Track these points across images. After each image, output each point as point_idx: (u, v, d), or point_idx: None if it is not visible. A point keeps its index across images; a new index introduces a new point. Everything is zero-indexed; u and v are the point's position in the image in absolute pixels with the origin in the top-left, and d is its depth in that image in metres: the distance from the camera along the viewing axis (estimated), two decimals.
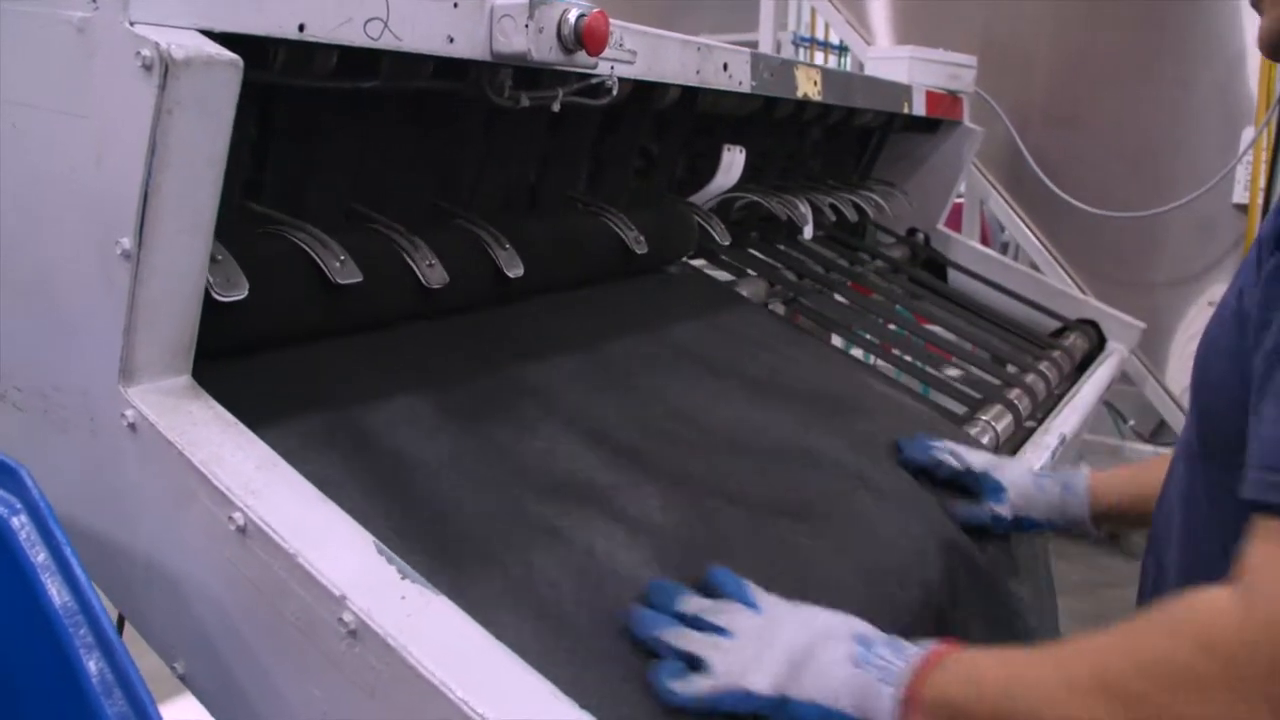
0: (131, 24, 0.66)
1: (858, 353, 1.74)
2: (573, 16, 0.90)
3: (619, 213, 1.32)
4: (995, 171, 2.55)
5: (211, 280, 0.80)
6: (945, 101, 2.06)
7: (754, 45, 3.13)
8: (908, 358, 1.66)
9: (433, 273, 1.01)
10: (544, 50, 0.90)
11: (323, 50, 0.85)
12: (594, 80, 1.04)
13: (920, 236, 2.23)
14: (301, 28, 0.76)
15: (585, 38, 0.91)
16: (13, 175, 0.74)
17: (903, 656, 0.65)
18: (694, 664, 0.67)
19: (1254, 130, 2.17)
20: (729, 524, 0.87)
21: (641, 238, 1.31)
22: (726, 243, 1.57)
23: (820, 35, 3.91)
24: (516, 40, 0.89)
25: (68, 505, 0.80)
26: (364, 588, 0.62)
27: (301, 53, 0.85)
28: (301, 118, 0.98)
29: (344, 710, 0.62)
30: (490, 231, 1.11)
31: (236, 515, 0.66)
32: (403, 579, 0.63)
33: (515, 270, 1.10)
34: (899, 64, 1.98)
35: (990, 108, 2.39)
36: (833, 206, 1.89)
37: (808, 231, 1.79)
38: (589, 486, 0.87)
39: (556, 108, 1.01)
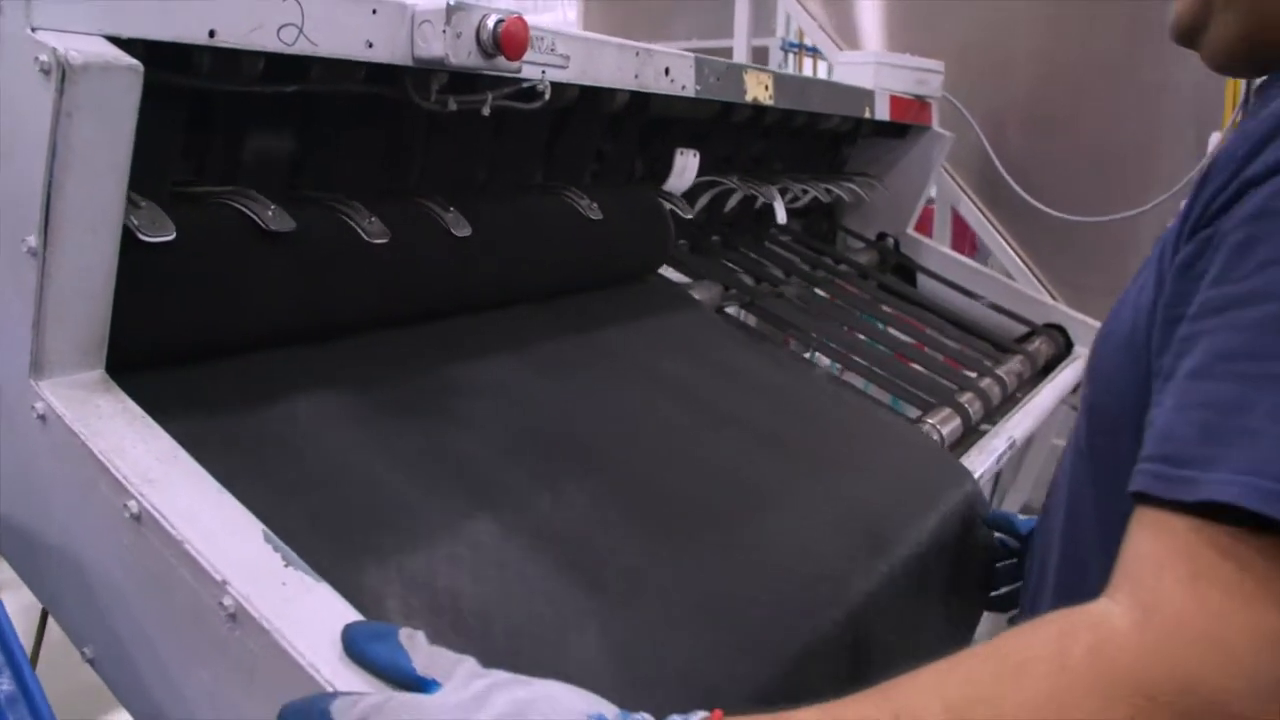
0: (34, 30, 0.68)
1: (823, 360, 1.75)
2: (491, 22, 0.92)
3: (571, 187, 1.34)
4: (966, 176, 2.56)
5: (136, 223, 0.80)
6: (912, 107, 2.08)
7: (728, 52, 3.17)
8: (866, 363, 1.67)
9: (373, 227, 1.01)
10: (462, 55, 0.92)
11: (246, 54, 0.87)
12: (525, 84, 1.06)
13: (890, 241, 2.24)
14: (212, 33, 0.78)
15: (504, 43, 0.93)
16: None
17: None
18: None
19: (1219, 135, 2.18)
20: (641, 533, 0.88)
21: (595, 205, 1.33)
22: (689, 217, 1.58)
23: (809, 42, 3.93)
24: (435, 45, 0.91)
25: None
26: (246, 574, 0.64)
27: (226, 57, 0.88)
28: (234, 119, 1.00)
29: (227, 690, 0.64)
30: (435, 199, 1.12)
31: (132, 503, 0.68)
32: (286, 566, 0.65)
33: (462, 230, 1.11)
34: (864, 69, 2.00)
35: (962, 112, 2.40)
36: (812, 198, 1.89)
37: (780, 213, 1.78)
38: (505, 489, 0.88)
39: (486, 111, 1.03)
